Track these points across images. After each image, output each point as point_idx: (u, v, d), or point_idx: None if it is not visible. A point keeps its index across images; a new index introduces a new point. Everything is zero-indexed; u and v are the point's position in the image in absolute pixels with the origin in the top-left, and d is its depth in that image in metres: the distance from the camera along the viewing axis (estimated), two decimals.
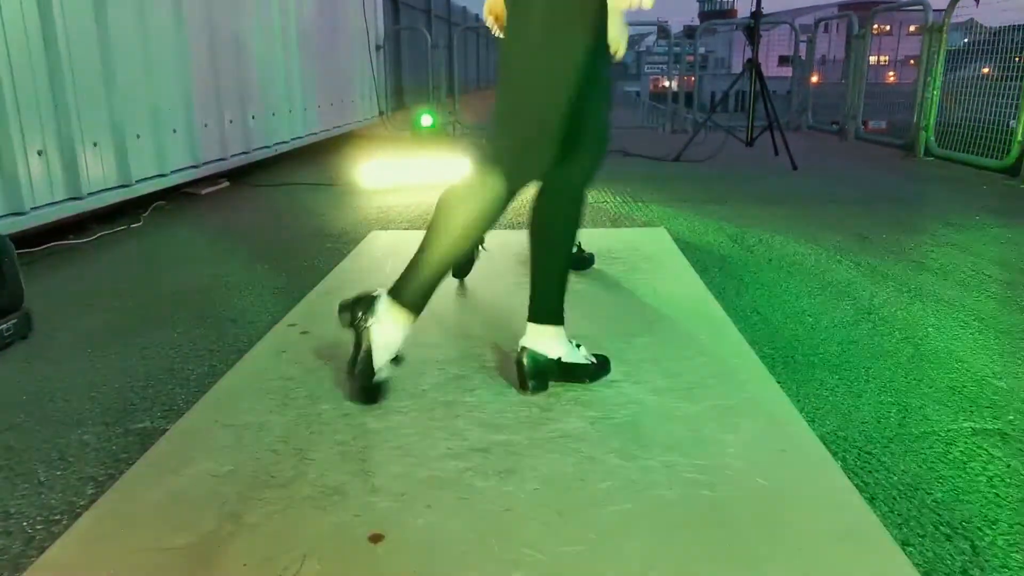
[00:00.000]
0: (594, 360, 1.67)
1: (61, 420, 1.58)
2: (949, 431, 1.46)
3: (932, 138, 5.35)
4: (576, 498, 1.23)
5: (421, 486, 1.27)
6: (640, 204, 3.93)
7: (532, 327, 1.62)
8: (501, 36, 1.49)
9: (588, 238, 2.79)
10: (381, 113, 7.59)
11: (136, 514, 1.20)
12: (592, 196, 4.15)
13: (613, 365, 1.73)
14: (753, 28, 5.32)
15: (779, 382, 1.67)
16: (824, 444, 1.39)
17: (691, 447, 1.38)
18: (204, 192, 4.42)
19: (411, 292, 1.50)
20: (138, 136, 3.40)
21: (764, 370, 1.71)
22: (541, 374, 1.61)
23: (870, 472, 1.32)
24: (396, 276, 1.53)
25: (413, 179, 4.58)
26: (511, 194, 1.44)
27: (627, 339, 1.91)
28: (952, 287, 2.41)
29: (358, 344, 1.52)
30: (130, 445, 1.48)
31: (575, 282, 2.39)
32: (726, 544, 1.11)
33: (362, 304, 1.52)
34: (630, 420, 1.49)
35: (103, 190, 3.16)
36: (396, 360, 1.56)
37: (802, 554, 1.08)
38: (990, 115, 5.18)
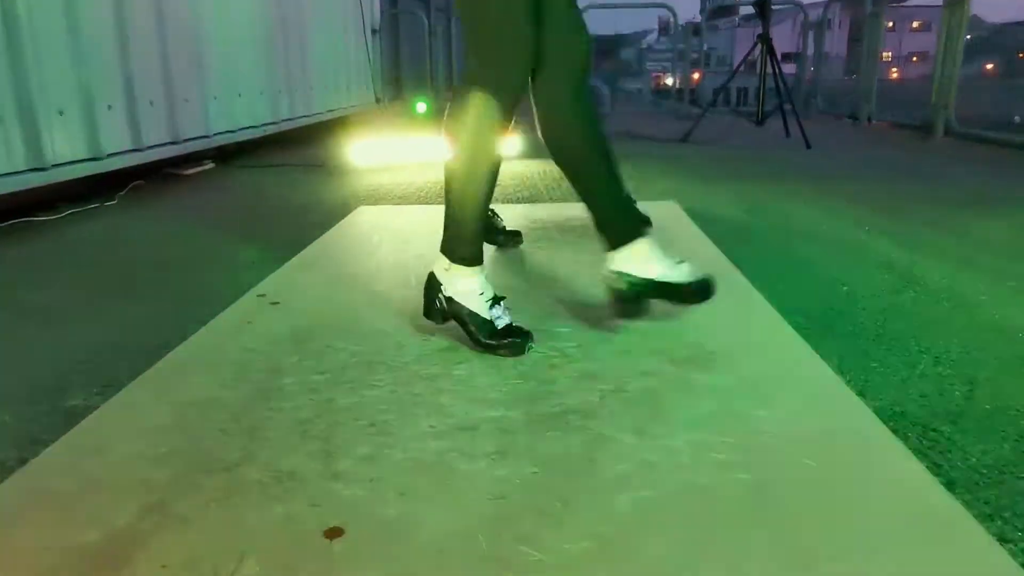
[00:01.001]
0: (696, 280, 1.47)
1: None
2: None
3: (953, 116, 5.11)
4: (584, 484, 1.00)
5: (394, 470, 1.04)
6: (647, 181, 3.70)
7: (618, 254, 1.48)
8: None
9: None
10: (378, 100, 7.35)
11: (39, 505, 0.97)
12: None
13: (623, 334, 1.50)
14: (764, 2, 5.08)
15: (817, 353, 1.43)
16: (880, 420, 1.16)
17: (721, 424, 1.15)
18: (187, 172, 4.20)
19: (460, 246, 1.43)
20: (110, 107, 3.17)
21: (799, 339, 1.48)
22: (638, 296, 1.50)
23: (941, 453, 1.09)
24: (383, 248, 1.35)
25: (405, 159, 4.35)
26: (504, 106, 1.36)
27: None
28: (1000, 257, 2.18)
29: (461, 321, 1.45)
30: (55, 425, 1.25)
31: (575, 251, 2.16)
32: (773, 539, 0.87)
33: (429, 291, 1.48)
34: (646, 393, 1.26)
35: (70, 162, 2.93)
36: (500, 299, 1.47)
37: (875, 552, 0.85)
38: (993, 112, 4.97)
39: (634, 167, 4.15)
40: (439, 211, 1.46)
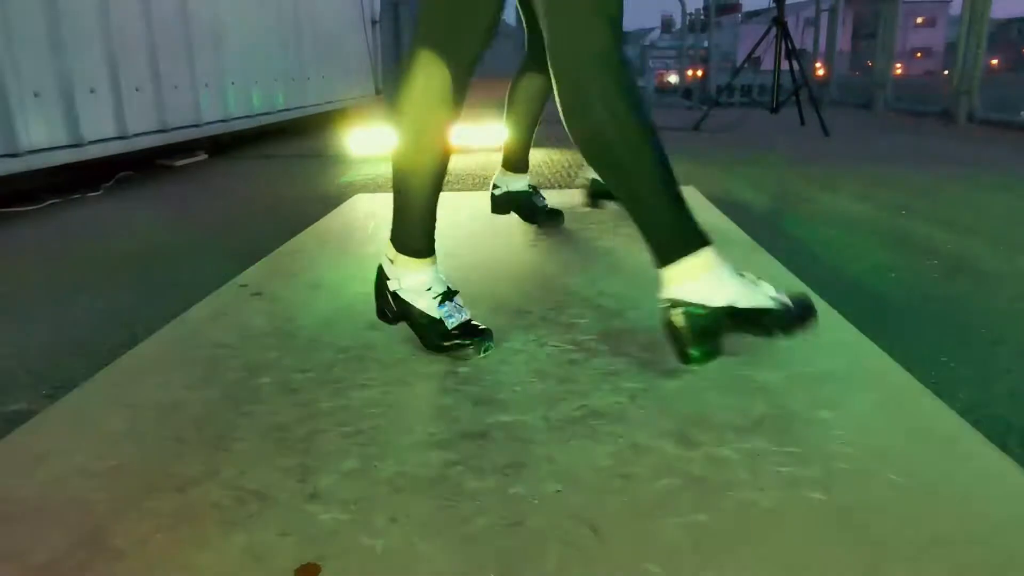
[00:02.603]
0: (788, 303, 1.07)
1: None
2: None
3: (976, 101, 4.90)
4: (619, 505, 0.81)
5: (385, 489, 0.85)
6: None
7: (670, 272, 1.07)
8: None
9: None
10: (378, 92, 7.16)
11: None
12: None
13: (651, 324, 1.31)
14: None
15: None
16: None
17: (779, 429, 0.96)
18: (178, 164, 4.02)
19: (406, 235, 1.23)
20: (92, 90, 2.99)
21: (855, 330, 1.28)
22: (706, 333, 1.07)
23: None
24: (379, 236, 1.18)
25: None
26: (454, 75, 1.16)
27: None
28: None
29: (410, 321, 1.24)
30: None
31: (588, 238, 1.97)
32: None
33: (378, 286, 1.28)
34: (684, 393, 1.07)
35: (47, 148, 2.74)
36: (453, 294, 1.25)
37: None
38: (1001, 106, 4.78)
39: None
40: (442, 197, 1.27)
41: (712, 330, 1.07)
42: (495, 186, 2.08)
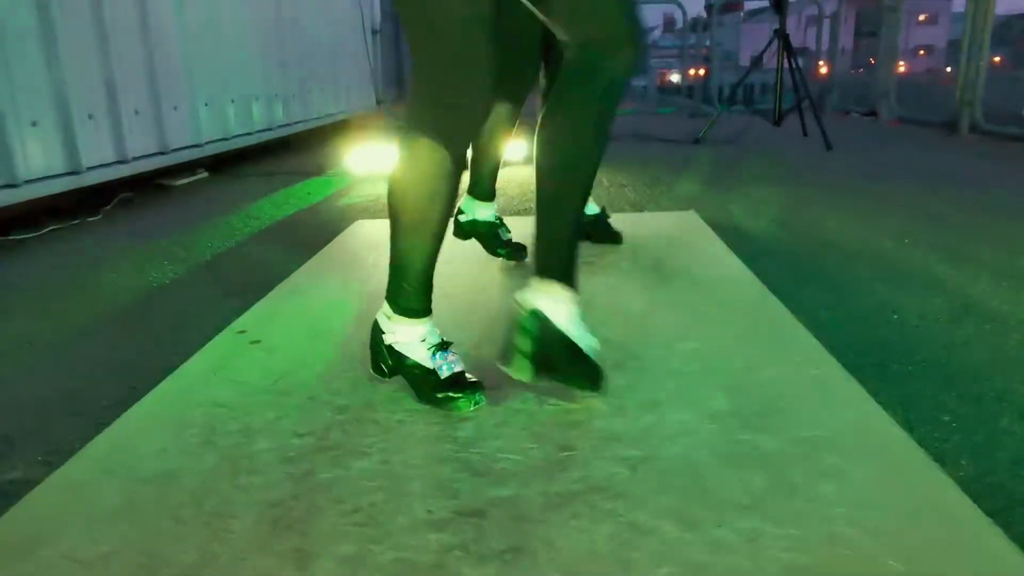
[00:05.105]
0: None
1: None
2: None
3: (980, 113, 4.88)
4: None
5: None
6: (663, 187, 3.49)
7: (541, 282, 1.21)
8: None
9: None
10: (379, 103, 7.16)
11: None
12: (606, 179, 3.71)
13: (652, 378, 1.30)
14: None
15: (876, 400, 1.23)
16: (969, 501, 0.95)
17: (779, 506, 0.95)
18: (178, 183, 4.02)
19: (403, 297, 1.26)
20: (90, 116, 2.98)
21: (858, 386, 1.27)
22: (545, 351, 1.19)
23: None
24: (380, 269, 1.29)
25: None
26: (455, 159, 1.20)
27: (667, 344, 1.48)
28: None
29: (404, 373, 1.28)
30: None
31: (593, 274, 1.95)
32: None
33: (373, 340, 1.32)
34: (684, 461, 1.06)
35: (45, 177, 2.74)
36: (447, 345, 1.28)
37: None
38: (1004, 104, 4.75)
39: (647, 172, 3.95)
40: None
41: (549, 348, 1.18)
42: (460, 211, 2.06)
